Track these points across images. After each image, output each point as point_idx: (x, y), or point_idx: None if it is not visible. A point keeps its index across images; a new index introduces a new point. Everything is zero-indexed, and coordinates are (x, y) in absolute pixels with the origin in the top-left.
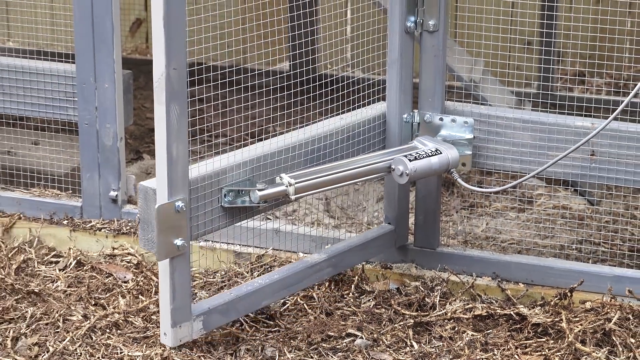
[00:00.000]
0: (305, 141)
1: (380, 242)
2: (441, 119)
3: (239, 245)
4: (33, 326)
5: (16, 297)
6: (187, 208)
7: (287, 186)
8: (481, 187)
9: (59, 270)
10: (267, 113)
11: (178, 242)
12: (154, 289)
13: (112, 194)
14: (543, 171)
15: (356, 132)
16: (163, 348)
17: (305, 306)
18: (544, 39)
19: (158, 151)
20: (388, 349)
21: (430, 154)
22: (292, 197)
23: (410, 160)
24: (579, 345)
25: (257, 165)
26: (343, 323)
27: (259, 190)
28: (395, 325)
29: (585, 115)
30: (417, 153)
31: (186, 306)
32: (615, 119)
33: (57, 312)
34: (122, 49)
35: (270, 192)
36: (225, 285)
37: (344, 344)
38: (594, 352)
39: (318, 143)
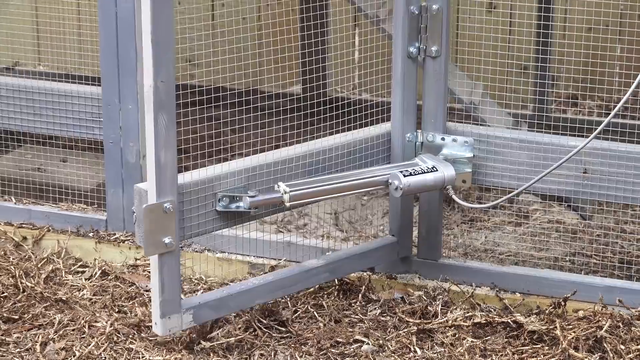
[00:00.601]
0: (303, 154)
1: (381, 252)
2: (443, 139)
3: (254, 256)
4: (60, 332)
5: (45, 305)
6: (176, 210)
7: (282, 194)
8: (478, 203)
9: (85, 279)
10: (279, 133)
11: (166, 240)
12: None
13: None
14: (530, 186)
15: (358, 148)
16: (182, 353)
17: (315, 314)
18: (539, 64)
19: (148, 156)
20: (393, 354)
21: (426, 171)
22: (287, 205)
23: (405, 176)
24: (572, 351)
25: (254, 174)
26: (351, 330)
27: (250, 197)
28: (400, 332)
29: (578, 135)
30: (413, 169)
31: (175, 299)
32: (606, 138)
33: (83, 319)
34: None
35: (261, 199)
36: None
37: (352, 349)
38: (586, 358)
39: (317, 157)
